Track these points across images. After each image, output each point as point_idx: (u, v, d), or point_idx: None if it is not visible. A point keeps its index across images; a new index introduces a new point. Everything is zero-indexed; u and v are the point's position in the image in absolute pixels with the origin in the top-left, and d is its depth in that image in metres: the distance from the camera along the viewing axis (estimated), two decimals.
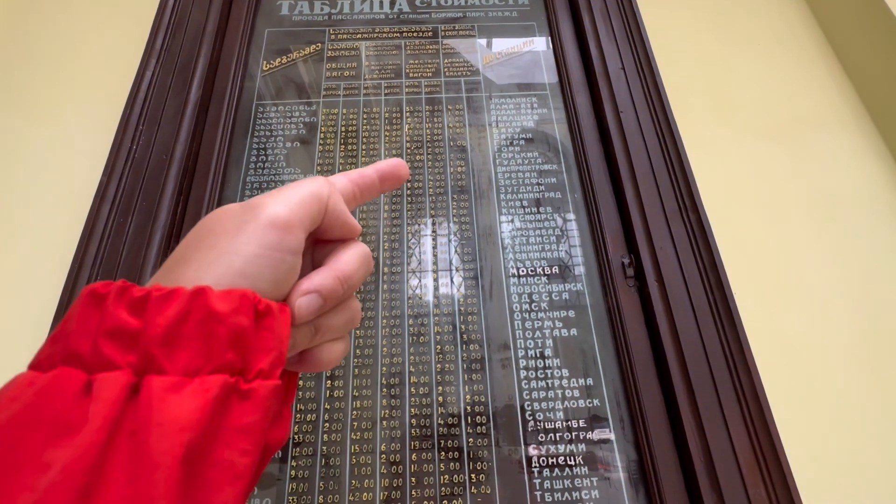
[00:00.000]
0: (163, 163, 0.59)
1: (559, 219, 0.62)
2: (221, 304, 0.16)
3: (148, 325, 0.16)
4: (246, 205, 0.20)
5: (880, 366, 0.55)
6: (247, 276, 0.18)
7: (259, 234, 0.18)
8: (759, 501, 0.42)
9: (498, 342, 0.54)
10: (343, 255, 0.22)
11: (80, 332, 0.16)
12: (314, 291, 0.20)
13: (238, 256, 0.18)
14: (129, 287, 0.16)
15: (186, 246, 0.19)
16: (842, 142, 0.68)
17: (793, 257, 0.60)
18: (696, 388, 0.47)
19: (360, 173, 0.24)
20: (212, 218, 0.20)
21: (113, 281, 0.17)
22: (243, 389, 0.16)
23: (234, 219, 0.19)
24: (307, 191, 0.20)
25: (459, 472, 0.48)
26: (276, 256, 0.18)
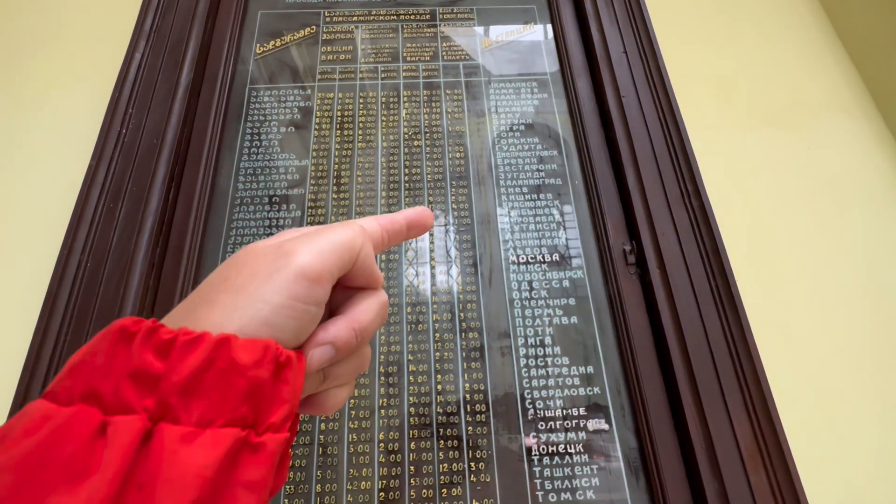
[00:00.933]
0: (153, 147, 0.57)
1: (559, 205, 0.61)
2: (244, 354, 0.16)
3: (171, 371, 0.16)
4: (278, 248, 0.19)
5: (883, 353, 0.55)
6: (272, 325, 0.18)
7: (288, 285, 0.18)
8: (761, 487, 0.42)
9: (497, 330, 0.54)
10: (361, 305, 0.22)
11: (104, 370, 0.16)
12: (329, 343, 0.20)
13: (266, 305, 0.18)
14: (158, 328, 0.16)
15: (214, 283, 0.19)
16: (845, 127, 0.67)
17: (796, 244, 0.59)
18: (698, 375, 0.46)
19: (391, 220, 0.25)
20: (242, 257, 0.20)
21: (143, 319, 0.17)
22: (254, 443, 0.16)
23: (265, 262, 0.19)
24: (340, 240, 0.20)
25: (458, 460, 0.48)
26: (302, 308, 0.18)
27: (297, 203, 0.60)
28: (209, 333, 0.16)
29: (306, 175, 0.62)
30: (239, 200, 0.60)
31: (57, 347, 0.46)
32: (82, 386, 0.16)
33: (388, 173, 0.62)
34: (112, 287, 0.49)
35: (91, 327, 0.47)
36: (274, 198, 0.60)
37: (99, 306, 0.48)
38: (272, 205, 0.60)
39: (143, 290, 0.50)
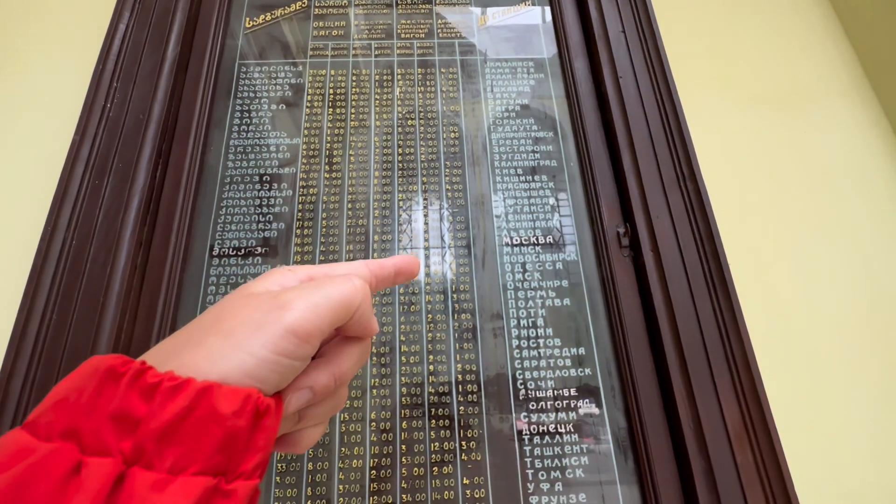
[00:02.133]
0: (140, 122, 0.55)
1: (554, 187, 0.60)
2: (225, 404, 0.16)
3: (152, 416, 0.16)
4: (275, 298, 0.19)
5: (872, 337, 0.55)
6: (254, 377, 0.18)
7: (277, 340, 0.18)
8: (746, 466, 0.43)
9: (490, 312, 0.54)
10: (345, 352, 0.22)
11: (87, 408, 0.16)
12: (308, 387, 0.20)
13: (251, 357, 0.18)
14: (146, 371, 0.16)
15: (206, 323, 0.19)
16: (842, 112, 0.67)
17: (790, 228, 0.59)
18: (688, 356, 0.47)
19: (381, 266, 0.25)
20: (238, 300, 0.20)
21: (130, 359, 0.17)
22: (224, 489, 0.16)
23: (259, 311, 0.19)
24: (338, 297, 0.20)
25: (450, 439, 0.48)
26: (287, 363, 0.18)
27: (288, 182, 0.59)
28: (194, 380, 0.16)
29: (297, 154, 0.61)
30: (229, 179, 0.59)
31: (42, 326, 0.45)
32: (64, 423, 0.16)
33: (382, 153, 0.61)
34: (98, 266, 0.49)
35: (77, 305, 0.46)
36: (265, 176, 0.59)
37: (85, 285, 0.48)
38: (262, 184, 0.59)
39: (130, 269, 0.49)
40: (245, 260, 0.55)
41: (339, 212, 0.58)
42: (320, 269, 0.23)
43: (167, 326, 0.49)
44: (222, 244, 0.55)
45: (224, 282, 0.54)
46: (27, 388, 0.43)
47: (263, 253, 0.55)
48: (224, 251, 0.55)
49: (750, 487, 0.43)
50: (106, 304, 0.47)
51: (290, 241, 0.56)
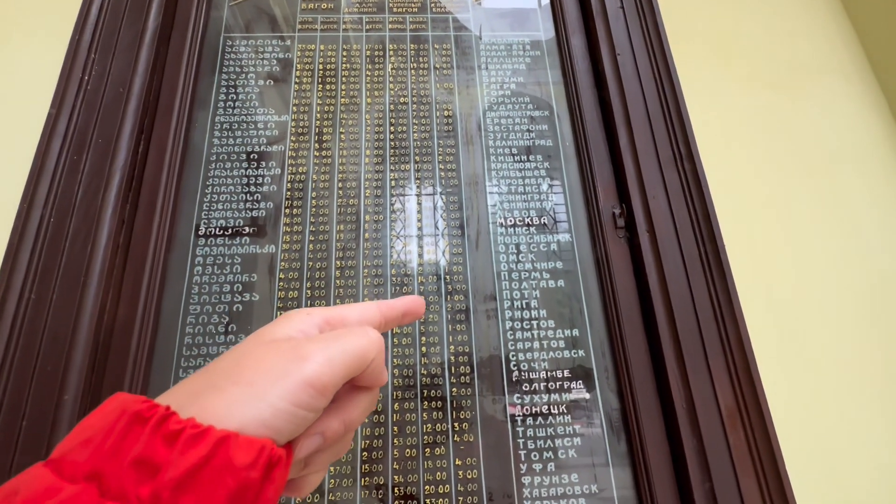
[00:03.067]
0: (119, 96, 0.53)
1: (549, 167, 0.59)
2: (241, 455, 0.17)
3: (171, 463, 0.16)
4: (294, 349, 0.20)
5: (867, 317, 0.55)
6: (270, 427, 0.18)
7: (295, 391, 0.19)
8: (739, 445, 0.43)
9: (483, 293, 0.53)
10: (355, 400, 0.23)
11: (112, 451, 0.16)
12: (319, 433, 0.21)
13: (269, 408, 0.18)
14: (170, 417, 0.17)
15: (227, 367, 0.20)
16: (842, 92, 0.66)
17: (787, 209, 0.59)
18: (683, 337, 0.46)
19: (391, 308, 0.26)
20: (258, 347, 0.21)
21: (154, 402, 0.17)
22: None
23: (279, 361, 0.19)
24: (355, 351, 0.21)
25: (442, 421, 0.48)
26: (302, 415, 0.19)
27: (276, 160, 0.57)
28: (213, 428, 0.17)
29: (286, 131, 0.59)
30: (214, 157, 0.57)
31: (21, 305, 0.44)
32: (89, 465, 0.16)
33: (374, 131, 0.60)
34: (78, 244, 0.47)
35: (57, 284, 0.45)
36: (252, 154, 0.57)
37: (65, 264, 0.46)
38: (250, 162, 0.57)
39: (112, 248, 0.48)
40: (232, 240, 0.53)
41: (329, 191, 0.56)
42: (335, 311, 0.24)
43: (152, 307, 0.48)
44: (208, 224, 0.54)
45: (211, 262, 0.52)
46: (6, 368, 0.42)
47: (251, 233, 0.54)
48: (210, 231, 0.53)
49: (742, 467, 0.43)
50: (87, 284, 0.45)
51: (278, 220, 0.54)
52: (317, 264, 0.53)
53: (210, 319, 0.50)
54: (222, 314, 0.50)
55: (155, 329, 0.48)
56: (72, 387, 0.42)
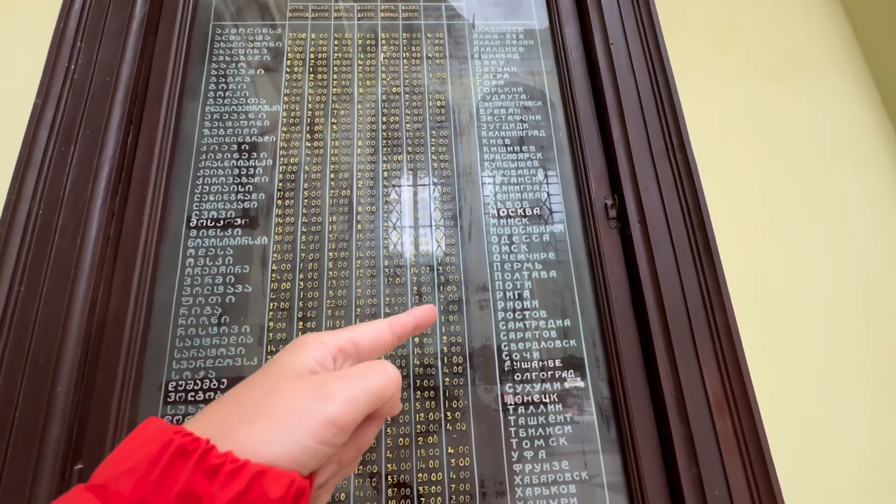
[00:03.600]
0: (107, 86, 0.52)
1: (542, 158, 0.59)
2: (274, 488, 0.18)
3: (213, 497, 0.17)
4: (319, 387, 0.21)
5: (854, 308, 0.56)
6: (297, 462, 0.19)
7: (319, 430, 0.20)
8: (726, 432, 0.44)
9: (476, 284, 0.53)
10: (368, 428, 0.25)
11: (157, 483, 0.17)
12: (336, 461, 0.23)
13: (296, 445, 0.20)
14: (210, 450, 0.18)
15: (255, 399, 0.21)
16: (836, 85, 0.66)
17: (778, 201, 0.59)
18: (672, 326, 0.47)
19: (402, 325, 0.27)
20: (284, 382, 0.22)
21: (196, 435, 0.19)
22: None
23: (304, 398, 0.21)
24: (375, 389, 0.22)
25: (435, 410, 0.48)
26: (325, 451, 0.20)
27: (267, 151, 0.57)
28: (250, 462, 0.18)
29: (277, 121, 0.58)
30: (205, 147, 0.56)
31: (10, 298, 0.43)
32: (135, 495, 0.17)
33: (366, 121, 0.59)
34: (68, 236, 0.46)
35: (47, 277, 0.45)
36: (243, 145, 0.57)
37: (54, 256, 0.46)
38: (241, 152, 0.57)
39: (102, 240, 0.48)
40: (224, 231, 0.53)
41: (321, 182, 0.56)
42: (347, 337, 0.25)
43: (144, 299, 0.48)
44: (200, 215, 0.53)
45: (203, 254, 0.52)
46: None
47: (243, 224, 0.54)
48: (202, 222, 0.53)
49: (728, 453, 0.44)
50: (77, 276, 0.45)
51: (270, 212, 0.54)
52: (309, 255, 0.53)
53: (203, 311, 0.50)
54: (215, 306, 0.50)
55: (147, 321, 0.48)
56: (64, 379, 0.42)
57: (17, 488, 0.39)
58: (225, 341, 0.49)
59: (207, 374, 0.48)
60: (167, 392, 0.47)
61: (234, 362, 0.48)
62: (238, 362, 0.48)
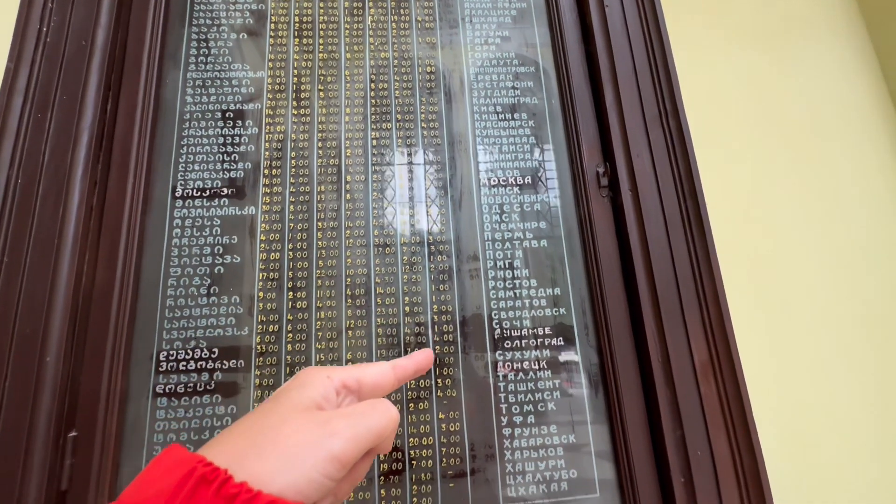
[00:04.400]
0: (82, 50, 0.50)
1: (534, 126, 0.58)
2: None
3: None
4: (325, 422, 0.23)
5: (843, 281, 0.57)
6: (302, 494, 0.21)
7: (324, 465, 0.22)
8: (710, 396, 0.45)
9: (467, 253, 0.53)
10: (363, 464, 0.27)
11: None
12: (332, 494, 0.24)
13: (302, 478, 0.21)
14: (227, 480, 0.20)
15: (266, 430, 0.23)
16: (833, 52, 0.65)
17: (770, 169, 0.59)
18: (661, 293, 0.47)
19: (404, 369, 0.30)
20: (294, 416, 0.23)
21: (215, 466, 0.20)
22: None
23: (312, 434, 0.23)
24: (377, 429, 0.24)
25: (426, 377, 0.49)
26: (328, 484, 0.22)
27: (253, 119, 0.55)
28: (262, 493, 0.20)
29: (262, 88, 0.57)
30: (188, 115, 0.55)
31: None
32: None
33: (353, 88, 0.58)
34: (50, 206, 0.46)
35: (30, 248, 0.44)
36: (227, 113, 0.55)
37: (36, 226, 0.45)
38: (226, 120, 0.55)
39: (86, 210, 0.47)
40: (211, 202, 0.52)
41: (309, 151, 0.55)
42: (351, 375, 0.27)
43: (131, 270, 0.48)
44: (185, 185, 0.52)
45: (189, 224, 0.51)
46: None
47: (230, 194, 0.53)
48: (188, 192, 0.52)
49: (712, 416, 0.45)
50: (61, 247, 0.45)
51: (258, 181, 0.53)
52: (298, 226, 0.52)
53: (192, 282, 0.50)
54: (204, 276, 0.50)
55: (135, 291, 0.48)
56: (53, 349, 0.42)
57: (11, 456, 0.40)
58: (215, 311, 0.49)
59: (199, 344, 0.48)
60: (158, 362, 0.47)
61: (225, 332, 0.48)
62: (229, 332, 0.48)
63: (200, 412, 0.46)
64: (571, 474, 0.47)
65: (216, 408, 0.46)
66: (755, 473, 0.43)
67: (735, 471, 0.43)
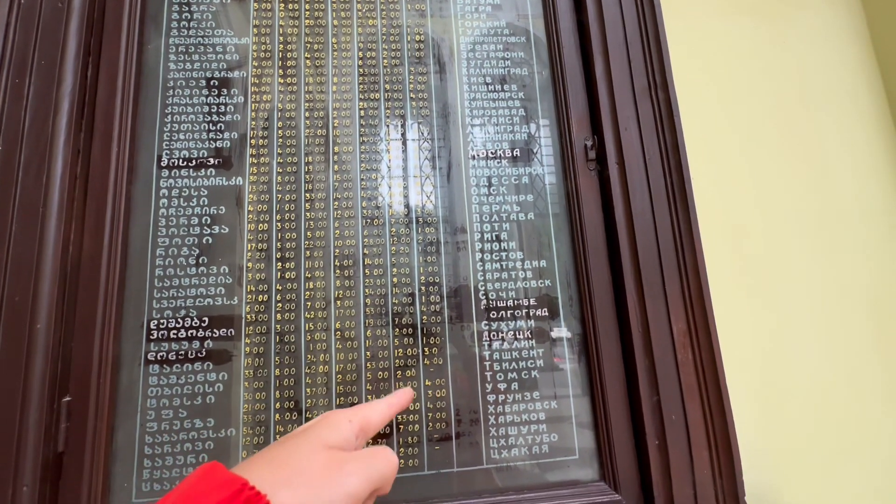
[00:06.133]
0: (59, 12, 0.49)
1: (524, 98, 0.57)
2: None
3: None
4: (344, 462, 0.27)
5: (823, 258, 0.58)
6: None
7: (341, 499, 0.25)
8: (686, 364, 0.46)
9: (454, 225, 0.53)
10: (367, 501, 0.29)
11: None
12: None
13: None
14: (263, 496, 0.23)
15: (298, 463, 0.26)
16: (827, 22, 0.64)
17: (756, 143, 0.59)
18: (643, 265, 0.48)
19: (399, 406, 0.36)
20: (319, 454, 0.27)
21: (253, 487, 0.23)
22: None
23: (333, 472, 0.26)
24: (385, 473, 0.28)
25: (413, 346, 0.50)
26: None
27: (238, 87, 0.54)
28: None
29: (247, 55, 0.55)
30: (172, 83, 0.54)
31: None
32: None
33: (340, 56, 0.57)
34: (32, 175, 0.45)
35: (14, 217, 0.44)
36: (212, 81, 0.54)
37: (20, 195, 0.44)
38: (210, 88, 0.54)
39: (70, 179, 0.46)
40: (197, 171, 0.52)
41: (296, 121, 0.54)
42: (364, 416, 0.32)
43: (118, 240, 0.48)
44: (171, 154, 0.52)
45: (176, 194, 0.51)
46: None
47: (217, 164, 0.52)
48: (174, 162, 0.52)
49: (687, 383, 0.47)
50: (46, 216, 0.44)
51: (244, 152, 0.53)
52: (286, 196, 0.52)
53: (180, 252, 0.50)
54: (192, 247, 0.50)
55: (124, 261, 0.48)
56: (42, 316, 0.43)
57: (7, 419, 0.41)
58: (204, 281, 0.49)
59: (189, 314, 0.48)
60: (149, 330, 0.48)
61: (215, 301, 0.49)
62: (218, 301, 0.49)
63: (192, 378, 0.47)
64: (553, 438, 0.49)
65: (208, 374, 0.47)
66: (725, 436, 0.45)
67: (706, 434, 0.45)
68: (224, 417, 0.47)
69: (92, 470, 0.42)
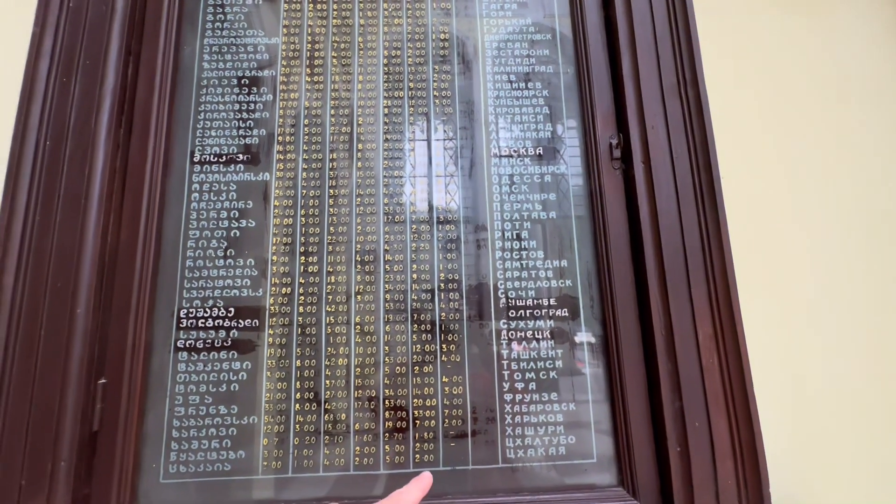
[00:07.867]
0: (103, 15, 0.52)
1: (548, 96, 0.57)
2: None
3: None
4: None
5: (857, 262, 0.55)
6: None
7: None
8: (711, 369, 0.45)
9: (475, 223, 0.53)
10: None
11: None
12: None
13: None
14: None
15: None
16: (864, 15, 0.61)
17: (791, 141, 0.57)
18: (668, 267, 0.47)
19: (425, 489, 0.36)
20: None
21: None
22: None
23: None
24: None
25: (431, 342, 0.50)
26: None
27: (267, 86, 0.56)
28: None
29: (277, 54, 0.57)
30: (206, 81, 0.56)
31: (27, 226, 0.45)
32: None
33: (366, 55, 0.57)
34: (76, 167, 0.48)
35: (59, 207, 0.46)
36: (243, 79, 0.56)
37: (65, 187, 0.47)
38: (241, 87, 0.56)
39: (109, 172, 0.49)
40: (227, 167, 0.54)
41: (321, 118, 0.55)
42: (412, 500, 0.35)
43: (153, 231, 0.50)
44: (203, 150, 0.54)
45: (207, 189, 0.53)
46: (20, 284, 0.44)
47: (246, 160, 0.54)
48: (205, 157, 0.54)
49: (712, 390, 0.45)
50: (88, 206, 0.47)
51: (272, 148, 0.54)
52: (310, 192, 0.53)
53: (209, 244, 0.52)
54: (221, 239, 0.52)
55: (157, 251, 0.50)
56: (82, 302, 0.45)
57: (48, 398, 0.43)
58: (231, 273, 0.51)
59: (216, 304, 0.50)
60: (179, 318, 0.50)
61: (241, 293, 0.51)
62: (244, 293, 0.51)
63: (218, 367, 0.49)
64: (570, 440, 0.49)
65: (232, 363, 0.49)
66: (752, 446, 0.43)
67: (732, 443, 0.44)
68: (247, 405, 0.48)
69: (124, 450, 0.45)
